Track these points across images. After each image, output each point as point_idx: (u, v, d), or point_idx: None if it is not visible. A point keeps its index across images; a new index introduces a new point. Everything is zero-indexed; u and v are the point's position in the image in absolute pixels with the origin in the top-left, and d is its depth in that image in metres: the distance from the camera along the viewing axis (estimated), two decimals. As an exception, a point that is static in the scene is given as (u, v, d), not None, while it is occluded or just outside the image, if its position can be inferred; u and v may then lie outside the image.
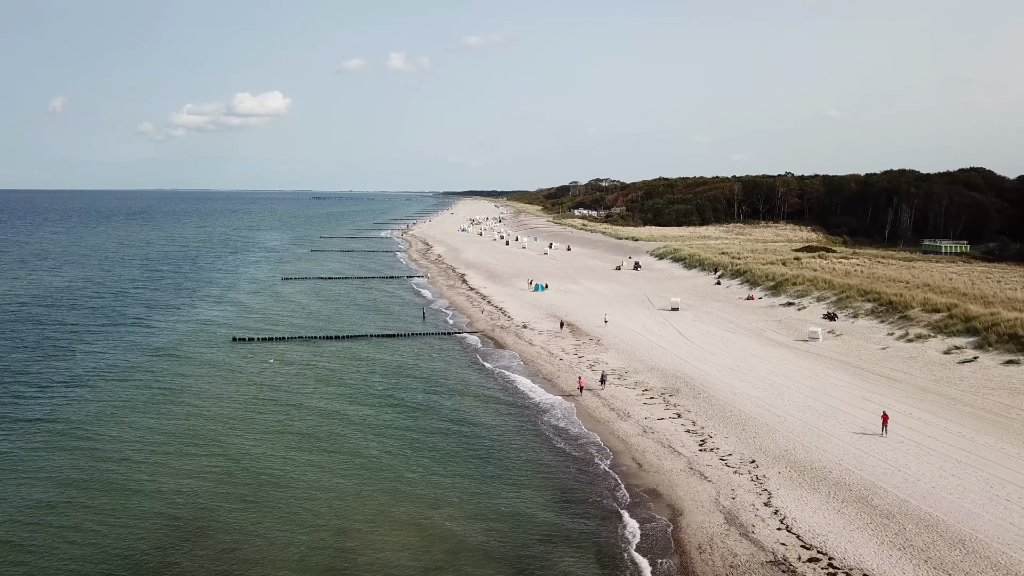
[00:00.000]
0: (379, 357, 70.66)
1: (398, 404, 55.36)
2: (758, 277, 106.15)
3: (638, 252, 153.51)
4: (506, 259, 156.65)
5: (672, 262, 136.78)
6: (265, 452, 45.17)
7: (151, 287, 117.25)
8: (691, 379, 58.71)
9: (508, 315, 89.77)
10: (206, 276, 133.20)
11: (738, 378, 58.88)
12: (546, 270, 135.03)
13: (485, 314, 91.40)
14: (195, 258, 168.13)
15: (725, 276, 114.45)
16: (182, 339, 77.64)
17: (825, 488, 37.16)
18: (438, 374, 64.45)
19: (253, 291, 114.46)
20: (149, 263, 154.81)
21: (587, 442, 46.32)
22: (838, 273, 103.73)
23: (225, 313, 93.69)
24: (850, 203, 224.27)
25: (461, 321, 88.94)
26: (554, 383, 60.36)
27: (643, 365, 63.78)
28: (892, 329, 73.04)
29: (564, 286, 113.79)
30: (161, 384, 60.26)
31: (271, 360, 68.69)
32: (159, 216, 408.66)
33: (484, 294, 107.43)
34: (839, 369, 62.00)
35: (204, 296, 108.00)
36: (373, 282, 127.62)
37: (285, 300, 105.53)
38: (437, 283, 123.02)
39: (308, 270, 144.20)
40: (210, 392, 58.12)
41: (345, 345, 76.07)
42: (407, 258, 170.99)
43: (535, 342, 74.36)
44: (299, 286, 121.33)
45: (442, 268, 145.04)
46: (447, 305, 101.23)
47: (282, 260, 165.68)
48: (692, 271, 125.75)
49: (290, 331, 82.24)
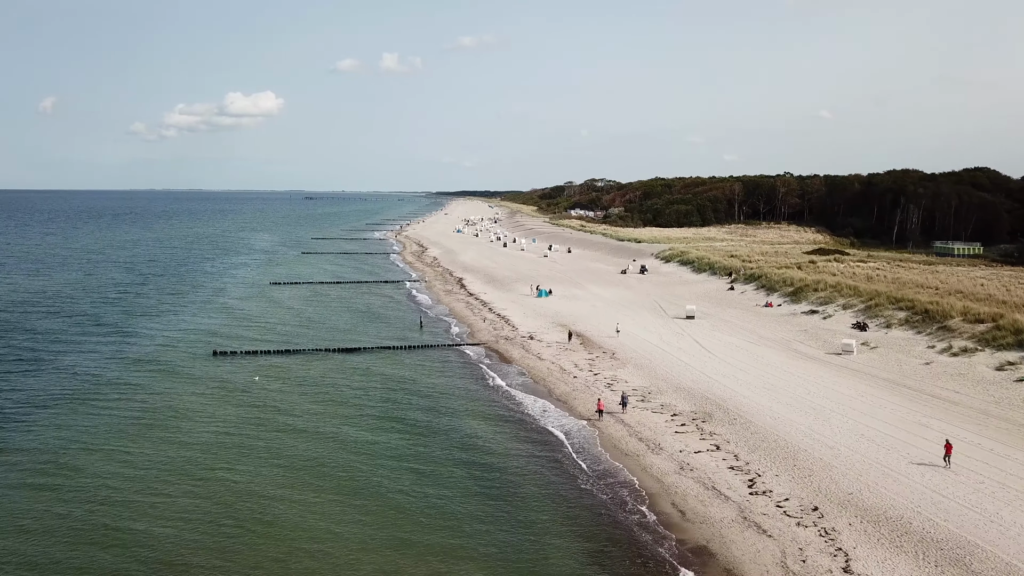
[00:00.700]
0: (375, 374, 64.52)
1: (399, 430, 49.28)
2: (775, 282, 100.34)
3: (642, 255, 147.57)
4: (505, 262, 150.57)
5: (679, 265, 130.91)
6: (250, 489, 39.04)
7: (131, 292, 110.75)
8: (723, 401, 52.75)
9: (512, 324, 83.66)
10: (191, 280, 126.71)
11: (775, 399, 52.97)
12: (548, 274, 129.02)
13: (487, 323, 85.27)
14: (181, 260, 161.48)
15: (738, 281, 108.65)
16: (159, 352, 71.29)
17: (910, 546, 31.20)
18: (441, 393, 58.34)
19: (239, 297, 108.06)
20: (133, 266, 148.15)
21: (616, 481, 40.24)
22: (859, 278, 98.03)
23: (208, 321, 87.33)
24: (853, 203, 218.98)
25: (462, 331, 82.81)
26: (570, 405, 54.29)
27: (667, 384, 57.77)
28: (932, 341, 67.26)
29: (568, 291, 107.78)
30: (132, 407, 54.00)
31: (256, 377, 62.48)
32: (148, 216, 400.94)
33: (484, 300, 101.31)
34: (883, 388, 56.13)
35: (187, 302, 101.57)
36: (366, 287, 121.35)
37: (273, 307, 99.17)
38: (434, 288, 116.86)
39: (298, 274, 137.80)
40: (187, 416, 51.90)
41: (337, 359, 69.87)
42: (402, 261, 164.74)
43: (544, 356, 68.23)
44: (288, 291, 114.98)
45: (438, 272, 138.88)
46: (446, 312, 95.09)
47: (271, 263, 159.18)
48: (702, 275, 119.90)
49: (277, 342, 75.96)
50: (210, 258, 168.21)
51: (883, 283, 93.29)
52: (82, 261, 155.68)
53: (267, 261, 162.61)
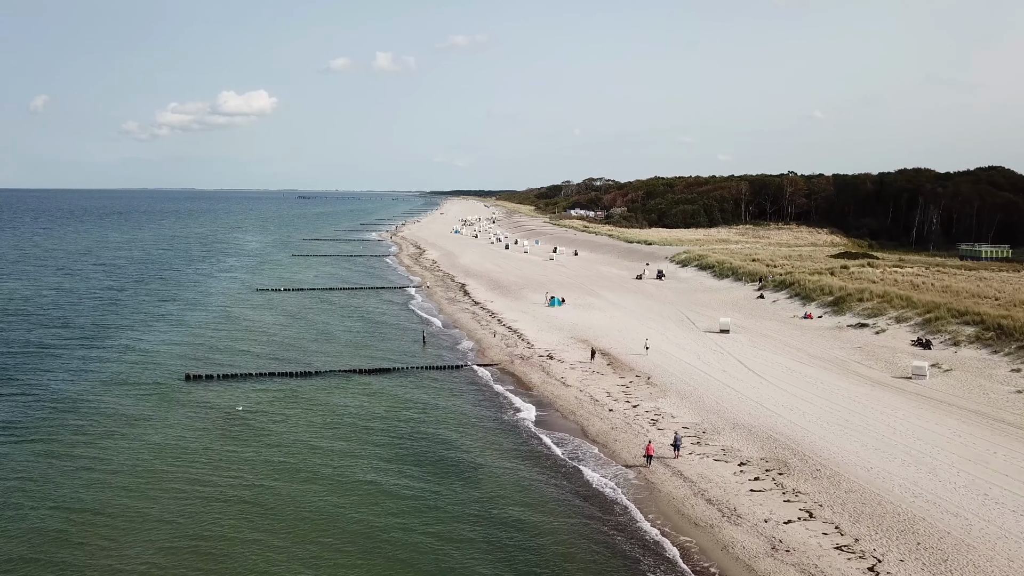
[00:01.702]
0: (374, 404, 55.28)
1: (407, 486, 40.10)
2: (810, 290, 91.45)
3: (656, 258, 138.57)
4: (509, 266, 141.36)
5: (698, 270, 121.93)
6: (231, 554, 29.91)
7: (105, 300, 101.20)
8: (795, 443, 43.70)
9: (526, 340, 74.49)
10: (171, 286, 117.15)
11: (856, 440, 43.96)
12: (557, 279, 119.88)
13: (498, 338, 76.05)
14: (164, 264, 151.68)
15: (767, 288, 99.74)
16: (124, 374, 61.89)
17: None
18: (452, 431, 49.17)
19: (221, 306, 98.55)
20: (111, 270, 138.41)
21: (696, 568, 31.09)
22: (903, 285, 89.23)
23: (185, 336, 77.94)
24: (865, 203, 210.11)
25: (470, 348, 73.58)
26: (609, 447, 45.16)
27: (721, 419, 48.70)
28: (1014, 363, 58.44)
29: (582, 300, 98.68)
30: (91, 445, 44.75)
31: (240, 407, 53.26)
32: (136, 216, 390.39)
33: (492, 310, 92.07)
34: (978, 424, 47.14)
35: (163, 312, 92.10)
36: (361, 294, 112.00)
37: (257, 319, 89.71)
38: (435, 295, 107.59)
39: (287, 279, 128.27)
40: (153, 460, 42.63)
41: (330, 384, 60.60)
42: (398, 263, 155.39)
43: (570, 381, 59.03)
44: (275, 299, 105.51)
45: (439, 276, 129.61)
46: (449, 324, 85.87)
47: (259, 267, 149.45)
48: (724, 281, 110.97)
49: (260, 363, 66.56)
50: (195, 261, 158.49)
51: (933, 292, 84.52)
52: (58, 265, 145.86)
53: (255, 265, 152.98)
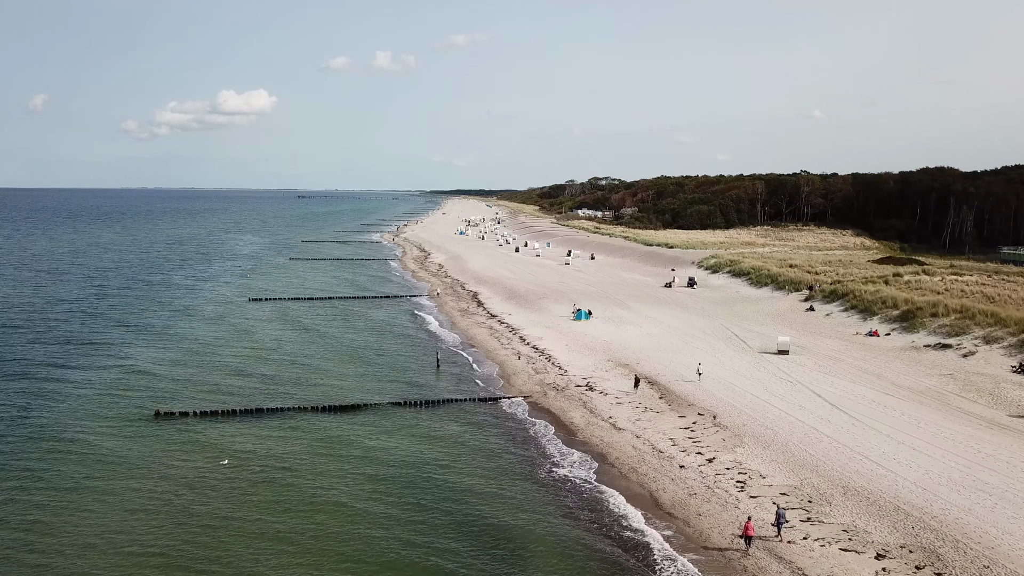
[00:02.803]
0: (382, 452, 45.13)
1: (426, 567, 30.04)
2: (869, 302, 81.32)
3: (681, 263, 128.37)
4: (522, 271, 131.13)
5: (731, 277, 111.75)
6: None
7: (81, 311, 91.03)
8: (936, 520, 33.45)
9: (557, 364, 64.31)
10: (157, 294, 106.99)
11: (1012, 514, 33.79)
12: (577, 287, 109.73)
13: (524, 361, 65.84)
14: (153, 268, 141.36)
15: (815, 298, 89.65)
16: (81, 410, 51.64)
17: None
18: (481, 493, 38.99)
19: (210, 319, 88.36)
20: (96, 275, 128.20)
21: None
22: (975, 297, 79.18)
23: (163, 356, 67.79)
24: (888, 204, 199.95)
25: (491, 373, 63.39)
26: (691, 526, 34.87)
27: (825, 480, 38.49)
28: None
29: (611, 312, 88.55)
30: (40, 505, 34.65)
31: (225, 461, 43.13)
32: (132, 216, 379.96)
33: (511, 325, 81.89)
34: None
35: (143, 328, 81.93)
36: (364, 304, 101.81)
37: (248, 335, 79.47)
38: (445, 306, 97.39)
39: (283, 287, 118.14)
40: (117, 526, 32.55)
41: (330, 423, 50.42)
42: (402, 268, 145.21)
43: (621, 422, 48.71)
44: (270, 311, 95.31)
45: (447, 283, 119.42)
46: (465, 343, 75.73)
47: (254, 272, 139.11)
48: (763, 290, 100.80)
49: (245, 395, 56.26)
50: (186, 265, 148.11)
51: (1013, 305, 74.48)
52: (40, 268, 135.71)
53: (249, 270, 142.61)
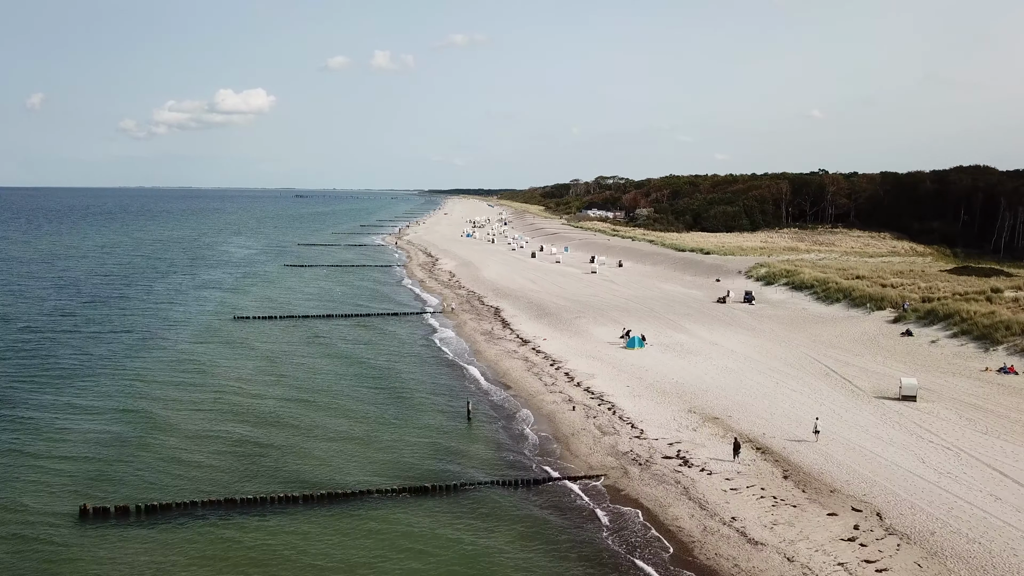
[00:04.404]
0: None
1: None
2: (985, 326, 66.69)
3: (726, 272, 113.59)
4: (544, 281, 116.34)
5: (790, 290, 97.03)
6: None
7: (33, 335, 76.17)
8: None
9: (624, 415, 49.34)
10: (128, 311, 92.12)
11: None
12: (614, 301, 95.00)
13: (579, 412, 50.92)
14: (133, 277, 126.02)
15: (907, 319, 75.08)
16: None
17: None
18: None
19: (181, 347, 73.19)
20: (65, 285, 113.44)
21: None
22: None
23: (108, 406, 52.84)
24: (924, 205, 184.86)
25: (542, 432, 48.31)
26: None
27: None
28: None
29: (665, 335, 73.90)
30: None
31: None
32: (123, 216, 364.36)
33: (550, 355, 67.08)
34: None
35: (97, 357, 67.07)
36: (367, 324, 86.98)
37: (225, 374, 64.18)
38: (465, 327, 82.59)
39: (275, 301, 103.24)
40: None
41: (328, 524, 35.66)
42: (409, 276, 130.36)
43: (753, 530, 33.51)
44: (256, 334, 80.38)
45: (461, 295, 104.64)
46: (495, 379, 60.95)
47: (244, 282, 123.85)
48: (834, 307, 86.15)
49: (210, 477, 41.29)
50: (170, 273, 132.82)
51: None
52: (1, 277, 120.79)
53: (239, 279, 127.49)
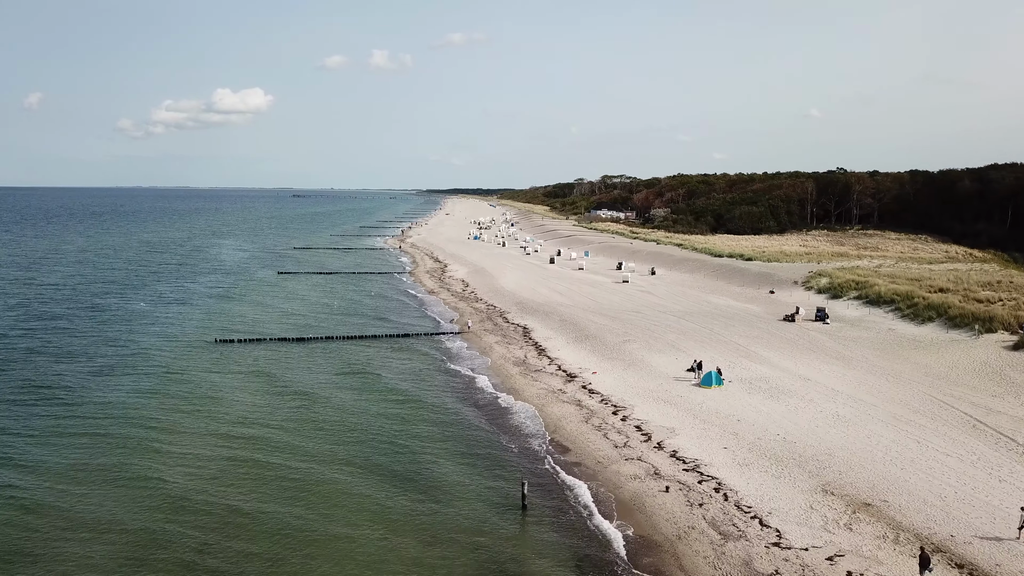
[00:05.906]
0: None
1: None
2: None
3: (778, 282, 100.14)
4: (572, 292, 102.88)
5: (865, 305, 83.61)
6: None
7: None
8: None
9: (739, 502, 35.98)
10: (96, 329, 78.70)
11: None
12: (662, 319, 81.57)
13: (675, 496, 37.39)
14: (112, 287, 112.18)
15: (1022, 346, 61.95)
16: None
17: None
18: None
19: (145, 389, 59.59)
20: (30, 296, 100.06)
21: None
22: None
23: (42, 468, 39.71)
24: (963, 205, 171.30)
25: (628, 534, 34.88)
26: None
27: None
28: None
29: (741, 367, 60.52)
30: None
31: None
32: (115, 217, 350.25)
33: (606, 396, 53.60)
34: None
35: (44, 390, 53.79)
36: (373, 349, 73.57)
37: (203, 414, 51.13)
38: (492, 353, 69.15)
39: (265, 318, 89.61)
40: None
41: None
42: (417, 285, 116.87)
43: None
44: (242, 360, 66.89)
45: (480, 310, 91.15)
46: (544, 434, 47.62)
47: (233, 293, 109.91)
48: (926, 327, 72.81)
49: None
50: (151, 283, 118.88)
51: None
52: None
53: (228, 288, 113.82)
